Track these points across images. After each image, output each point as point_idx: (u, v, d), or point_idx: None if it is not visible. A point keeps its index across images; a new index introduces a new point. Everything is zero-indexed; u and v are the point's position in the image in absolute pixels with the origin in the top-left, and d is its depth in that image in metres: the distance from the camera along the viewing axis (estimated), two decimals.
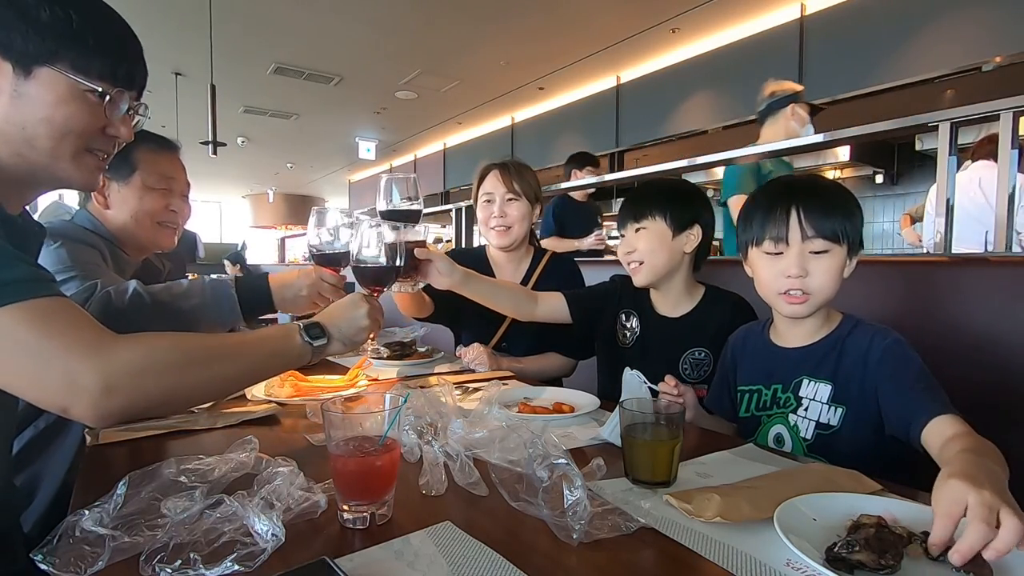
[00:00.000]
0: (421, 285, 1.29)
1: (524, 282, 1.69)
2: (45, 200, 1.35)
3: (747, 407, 1.09)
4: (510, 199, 1.62)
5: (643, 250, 1.30)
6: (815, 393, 0.99)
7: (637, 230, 1.31)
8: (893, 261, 1.42)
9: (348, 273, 1.15)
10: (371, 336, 0.99)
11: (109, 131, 0.80)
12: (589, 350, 1.60)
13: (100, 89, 0.76)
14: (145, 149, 1.27)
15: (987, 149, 2.77)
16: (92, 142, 0.79)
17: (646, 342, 1.38)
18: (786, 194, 0.99)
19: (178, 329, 1.05)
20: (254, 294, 1.11)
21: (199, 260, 6.65)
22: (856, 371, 0.96)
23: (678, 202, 1.32)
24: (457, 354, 1.55)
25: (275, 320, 1.82)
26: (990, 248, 2.20)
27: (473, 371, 1.47)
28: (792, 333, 1.05)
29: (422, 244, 1.24)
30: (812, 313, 1.01)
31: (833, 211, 0.96)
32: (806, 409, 1.00)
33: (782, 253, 0.98)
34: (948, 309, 1.23)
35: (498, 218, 1.62)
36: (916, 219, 3.46)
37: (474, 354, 1.48)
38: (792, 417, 1.02)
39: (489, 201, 1.63)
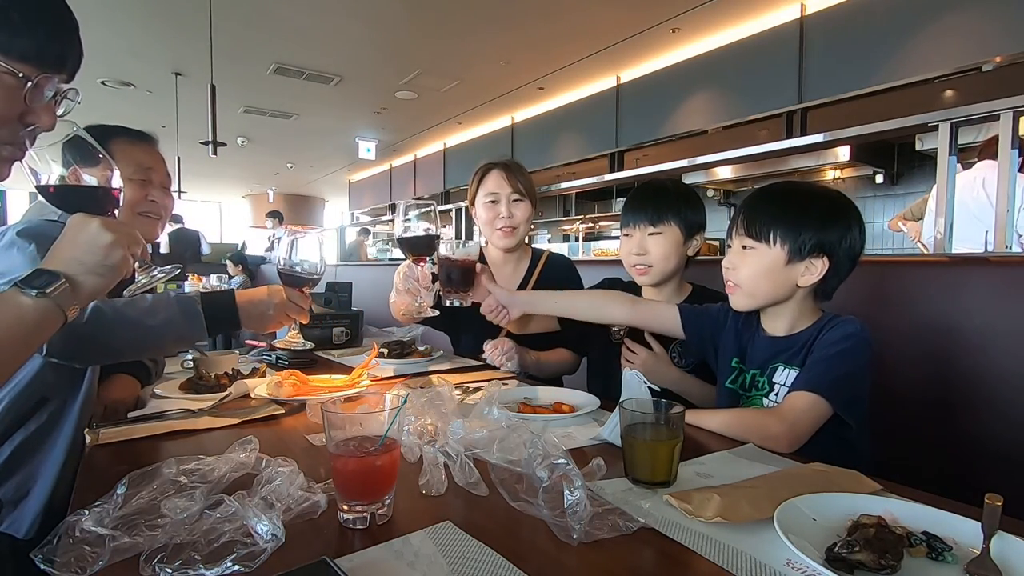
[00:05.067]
0: (467, 303, 1.31)
1: (524, 283, 1.70)
2: (32, 198, 1.34)
3: (734, 380, 1.15)
4: (516, 200, 1.62)
5: (656, 255, 1.33)
6: (786, 379, 1.04)
7: (651, 233, 1.33)
8: (893, 261, 1.42)
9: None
10: (135, 257, 0.78)
11: (28, 119, 0.71)
12: (585, 348, 1.62)
13: (21, 74, 0.67)
14: (120, 141, 1.26)
15: (993, 149, 2.77)
16: (5, 132, 0.70)
17: (636, 333, 1.40)
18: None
19: (142, 345, 1.04)
20: (220, 311, 1.09)
21: (204, 257, 6.65)
22: None
23: (691, 209, 1.35)
24: (484, 349, 1.49)
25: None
26: (990, 248, 2.21)
27: (474, 370, 1.48)
28: (777, 323, 1.09)
29: (474, 263, 1.28)
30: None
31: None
32: (777, 394, 1.04)
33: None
34: (948, 309, 1.23)
35: (505, 219, 1.61)
36: (908, 221, 3.45)
37: (504, 348, 1.44)
38: (765, 401, 1.07)
39: (494, 202, 1.62)
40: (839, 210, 1.02)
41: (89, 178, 0.79)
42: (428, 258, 1.26)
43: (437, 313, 1.32)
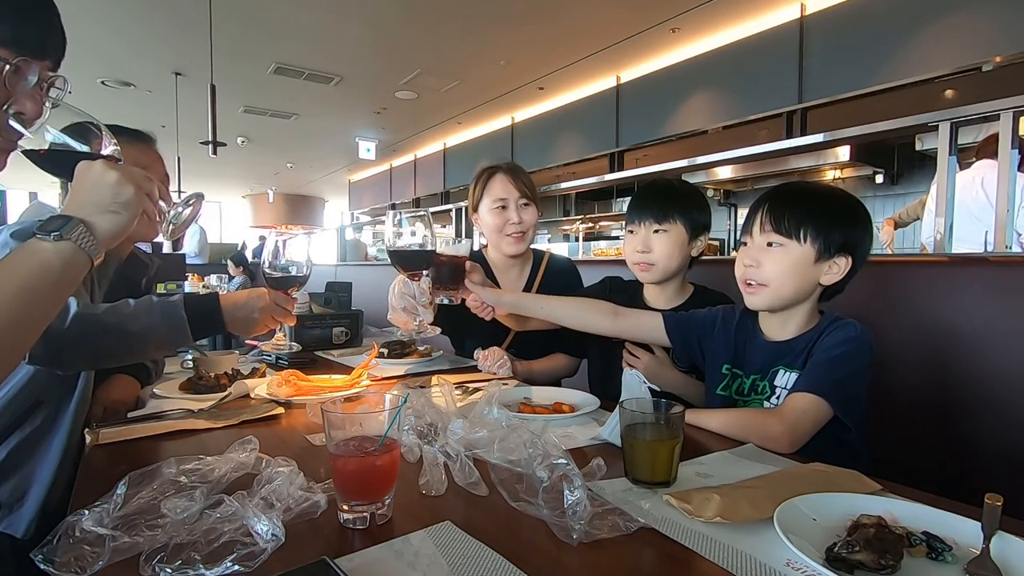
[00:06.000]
0: (456, 301, 1.28)
1: (528, 286, 1.69)
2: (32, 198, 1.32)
3: (727, 387, 1.14)
4: (525, 204, 1.60)
5: (660, 253, 1.32)
6: (787, 382, 1.04)
7: (656, 231, 1.32)
8: (893, 261, 1.42)
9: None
10: (152, 198, 0.77)
11: (12, 107, 0.71)
12: (584, 349, 1.62)
13: None
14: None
15: (992, 148, 2.76)
16: None
17: None
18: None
19: (124, 351, 1.03)
20: (204, 315, 1.07)
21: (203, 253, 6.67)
22: None
23: (697, 209, 1.34)
24: (476, 357, 1.51)
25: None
26: (990, 248, 2.21)
27: (474, 370, 1.48)
28: (784, 327, 1.09)
29: (464, 260, 1.25)
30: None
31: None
32: (779, 397, 1.04)
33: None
34: (948, 309, 1.23)
35: (515, 224, 1.59)
36: (900, 224, 3.44)
37: (496, 357, 1.46)
38: (766, 404, 1.06)
39: (503, 207, 1.60)
40: (862, 211, 1.05)
41: (82, 145, 0.79)
42: (425, 273, 1.19)
43: (439, 331, 1.28)
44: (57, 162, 0.79)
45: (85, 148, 0.79)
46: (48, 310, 0.69)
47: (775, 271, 1.02)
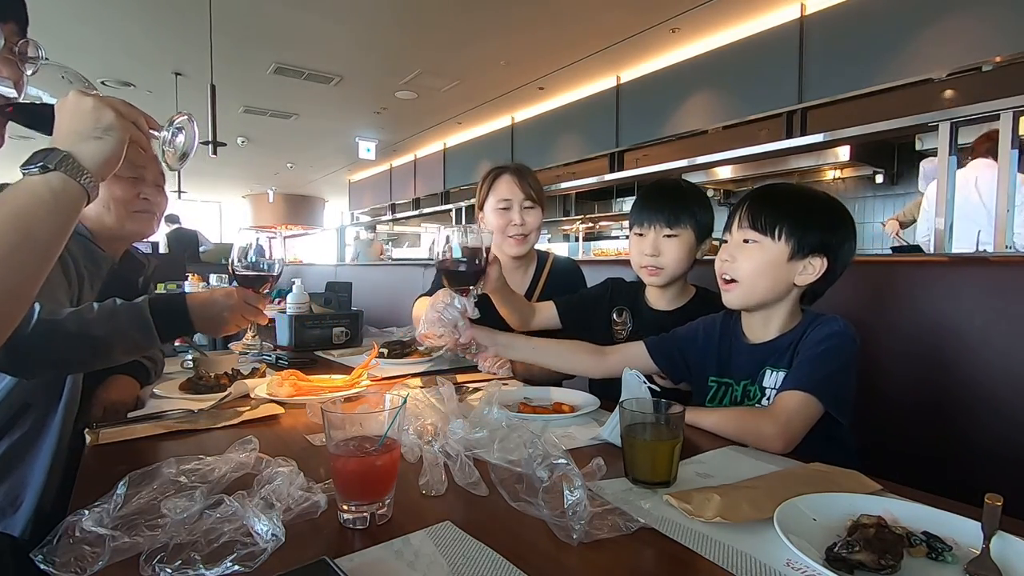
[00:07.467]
0: (478, 292, 1.24)
1: (532, 287, 1.69)
2: None
3: (719, 398, 1.13)
4: (528, 206, 1.60)
5: (670, 258, 1.31)
6: (775, 382, 1.03)
7: (667, 236, 1.31)
8: (893, 261, 1.42)
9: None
10: (139, 126, 0.77)
11: None
12: None
13: None
14: None
15: (986, 147, 2.77)
16: None
17: (640, 333, 1.39)
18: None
19: (90, 356, 1.00)
20: (172, 316, 1.04)
21: (203, 255, 6.65)
22: None
23: (704, 212, 1.33)
24: (475, 359, 1.50)
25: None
26: (982, 248, 2.21)
27: (474, 370, 1.48)
28: (761, 329, 1.09)
29: (487, 252, 1.23)
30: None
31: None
32: (768, 398, 1.04)
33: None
34: (948, 309, 1.23)
35: (517, 226, 1.58)
36: (903, 223, 3.48)
37: (495, 358, 1.46)
38: (758, 407, 1.05)
39: (506, 208, 1.59)
40: (843, 216, 1.04)
41: (53, 98, 0.77)
42: (472, 289, 1.16)
43: (486, 346, 1.26)
44: (29, 114, 0.78)
45: (56, 100, 0.77)
46: (49, 240, 0.68)
47: (749, 267, 1.03)
